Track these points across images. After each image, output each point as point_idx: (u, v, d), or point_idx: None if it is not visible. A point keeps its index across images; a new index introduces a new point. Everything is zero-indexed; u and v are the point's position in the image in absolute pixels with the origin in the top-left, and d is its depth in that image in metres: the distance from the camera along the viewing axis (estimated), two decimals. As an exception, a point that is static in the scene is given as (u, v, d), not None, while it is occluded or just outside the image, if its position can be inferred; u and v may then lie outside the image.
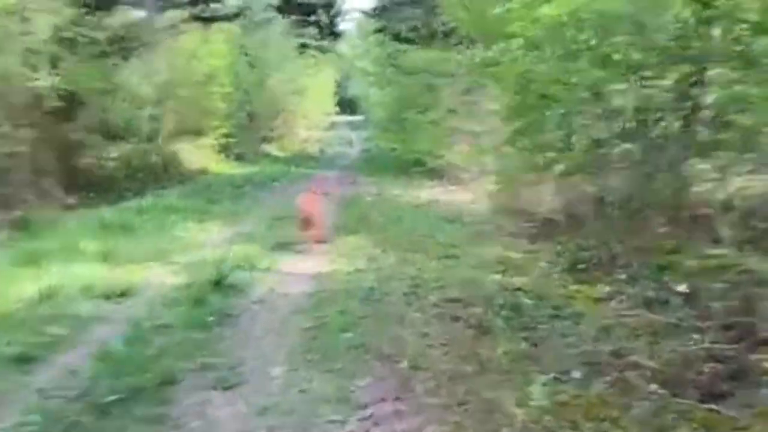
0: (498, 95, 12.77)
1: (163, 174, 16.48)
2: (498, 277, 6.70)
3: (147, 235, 8.69)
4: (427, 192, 14.47)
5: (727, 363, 4.51)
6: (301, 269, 7.03)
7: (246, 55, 24.40)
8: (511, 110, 10.84)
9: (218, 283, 6.07)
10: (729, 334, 4.94)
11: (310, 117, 30.91)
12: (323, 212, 9.19)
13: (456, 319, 5.12)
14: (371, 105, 29.34)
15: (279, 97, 26.98)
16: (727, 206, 8.11)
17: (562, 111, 8.43)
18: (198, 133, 19.54)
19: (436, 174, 16.93)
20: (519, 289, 6.24)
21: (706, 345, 4.78)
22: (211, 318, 5.19)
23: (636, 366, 4.52)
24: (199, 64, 18.99)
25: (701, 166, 7.69)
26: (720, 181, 7.50)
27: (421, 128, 16.49)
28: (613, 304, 6.00)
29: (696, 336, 5.05)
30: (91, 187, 13.91)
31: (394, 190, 14.51)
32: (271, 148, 27.27)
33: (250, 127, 25.22)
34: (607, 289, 6.34)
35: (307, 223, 8.70)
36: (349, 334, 4.68)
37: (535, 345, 4.72)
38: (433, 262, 7.18)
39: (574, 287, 6.50)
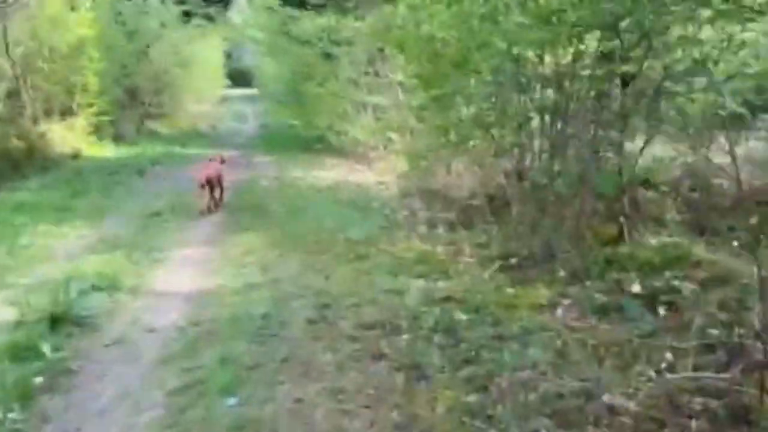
0: (404, 64, 11.57)
1: (24, 161, 14.10)
2: (421, 283, 5.53)
3: (-16, 245, 6.86)
4: (331, 172, 13.13)
5: (723, 397, 3.56)
6: (177, 286, 5.55)
7: (121, 24, 21.80)
8: (419, 81, 9.67)
9: (60, 318, 4.51)
10: (711, 356, 4.01)
11: (199, 91, 28.51)
12: (222, 178, 9.44)
13: (379, 357, 3.89)
14: (265, 77, 27.37)
15: (162, 70, 24.49)
16: (674, 185, 7.37)
17: (483, 80, 7.32)
18: (68, 112, 17.10)
19: (339, 151, 15.61)
20: (449, 298, 5.09)
21: (689, 373, 3.82)
22: (39, 379, 3.69)
23: (613, 411, 3.47)
24: (64, 33, 16.49)
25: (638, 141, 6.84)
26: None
27: (321, 102, 15.04)
28: (559, 312, 4.98)
29: (669, 356, 4.10)
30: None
31: (295, 172, 13.05)
32: (157, 126, 24.80)
33: (129, 105, 22.73)
34: (548, 292, 5.32)
35: (206, 187, 8.83)
36: (232, 401, 3.34)
37: (485, 389, 3.57)
38: (343, 267, 5.91)
39: (510, 290, 5.44)
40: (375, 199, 9.94)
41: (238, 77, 39.69)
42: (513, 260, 6.16)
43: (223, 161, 9.87)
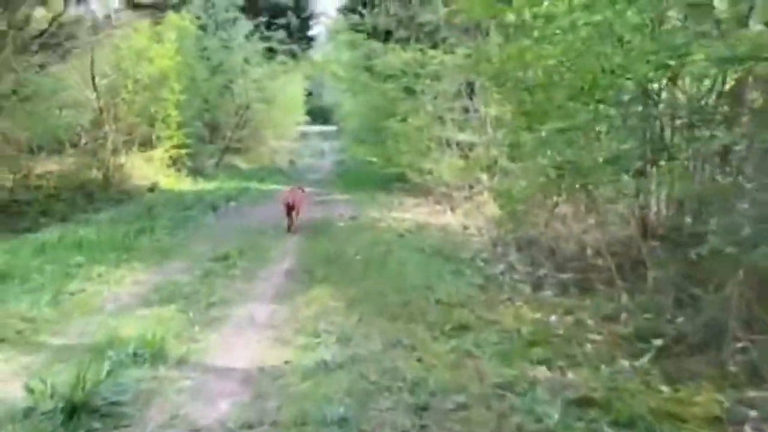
0: (498, 98, 10.35)
1: (101, 193, 13.68)
2: (543, 371, 4.18)
3: (26, 289, 5.99)
4: (412, 213, 11.95)
5: None
6: (234, 359, 4.40)
7: (206, 59, 21.69)
8: (519, 115, 8.42)
9: (81, 406, 3.43)
10: None
11: (279, 127, 28.21)
12: (302, 203, 10.56)
13: None
14: (345, 113, 26.76)
15: (244, 105, 24.25)
16: None
17: (611, 113, 5.98)
18: (147, 144, 16.78)
19: (420, 190, 14.46)
20: (588, 401, 3.72)
21: None
22: None
23: None
24: (148, 65, 16.24)
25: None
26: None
27: (402, 139, 13.97)
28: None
29: None
30: (2, 210, 11.10)
31: (373, 212, 11.95)
32: (237, 161, 24.52)
33: (210, 138, 22.48)
34: (722, 397, 3.86)
35: (290, 209, 9.91)
36: None
37: None
38: (439, 344, 4.63)
39: (666, 390, 4.01)
40: (463, 248, 8.64)
41: (317, 114, 39.61)
42: (657, 342, 4.71)
43: (303, 191, 11.26)
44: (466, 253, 8.26)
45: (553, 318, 5.55)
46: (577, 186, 7.87)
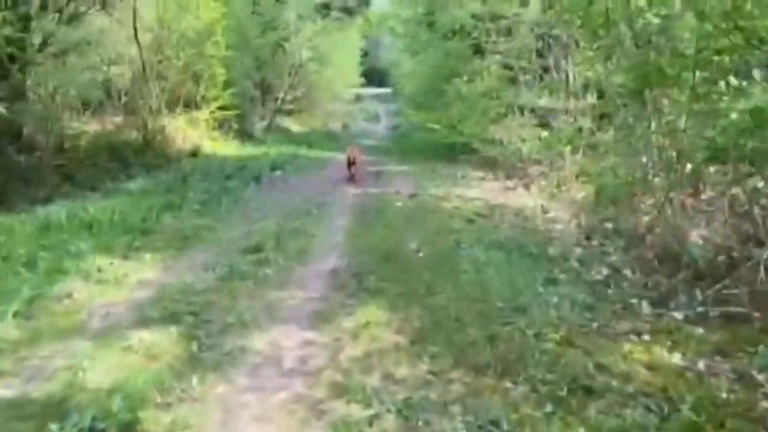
0: (594, 55, 8.36)
1: (138, 157, 12.36)
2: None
3: (5, 289, 4.58)
4: (480, 191, 10.17)
5: None
6: (246, 423, 2.83)
7: (258, 14, 20.05)
8: (629, 77, 6.53)
9: None
10: None
11: (333, 88, 26.52)
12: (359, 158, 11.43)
13: None
14: (402, 75, 24.83)
15: (297, 64, 22.63)
16: None
17: None
18: (192, 104, 15.40)
19: (487, 163, 12.64)
20: None
21: None
22: None
23: None
24: (193, 18, 14.73)
25: None
26: None
27: (468, 104, 12.09)
28: None
29: None
30: (24, 176, 9.87)
31: (434, 188, 10.22)
32: (288, 123, 23.06)
33: (261, 100, 20.99)
34: None
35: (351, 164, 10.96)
36: None
37: None
38: (557, 427, 2.93)
39: None
40: (549, 240, 6.86)
41: (372, 75, 37.67)
42: None
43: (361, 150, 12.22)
44: (554, 249, 6.48)
45: (701, 365, 3.80)
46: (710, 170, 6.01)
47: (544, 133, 9.19)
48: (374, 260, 5.63)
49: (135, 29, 13.89)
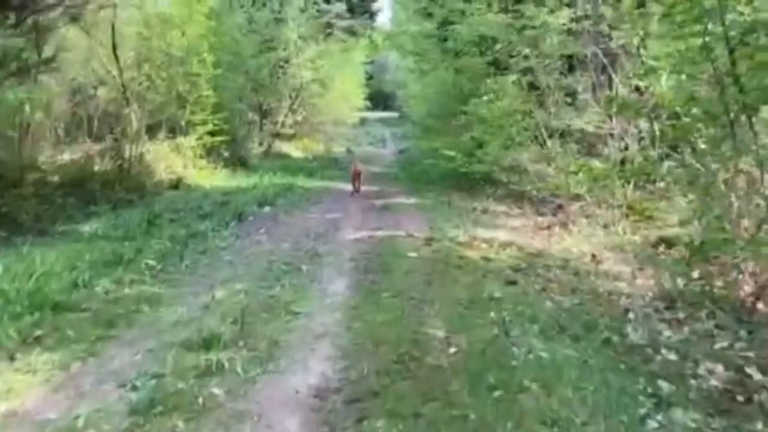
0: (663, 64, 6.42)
1: (108, 190, 10.43)
2: None
3: None
4: (509, 231, 8.19)
5: None
6: None
7: (253, 32, 18.28)
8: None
9: None
10: None
11: (336, 111, 24.68)
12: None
13: None
14: (409, 97, 23.00)
15: (298, 86, 20.84)
16: None
17: None
18: (176, 129, 13.52)
19: (510, 194, 10.70)
20: None
21: None
22: None
23: None
24: (178, 34, 12.91)
25: None
26: None
27: (492, 125, 10.13)
28: None
29: None
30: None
31: (453, 227, 8.25)
32: (288, 148, 21.20)
33: (257, 123, 19.15)
34: None
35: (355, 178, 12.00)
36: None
37: None
38: None
39: None
40: (618, 311, 4.89)
41: (377, 99, 35.88)
42: None
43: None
44: (634, 329, 4.49)
45: None
46: None
47: (596, 163, 7.16)
48: (382, 366, 3.60)
49: (113, 45, 12.10)
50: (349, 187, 12.59)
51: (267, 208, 9.65)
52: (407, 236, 7.63)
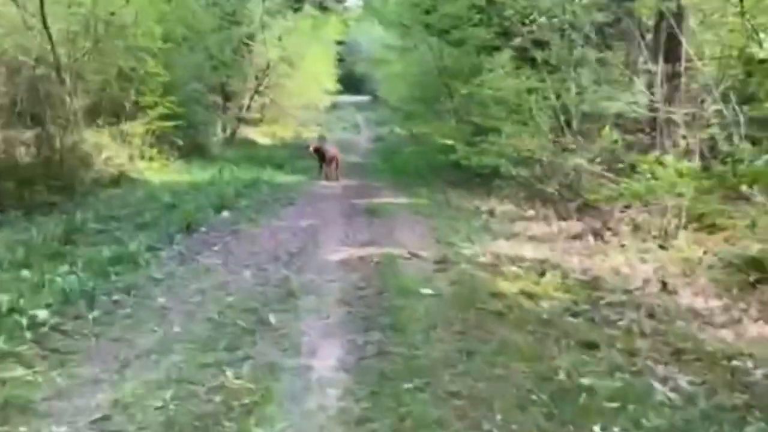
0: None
1: (22, 191, 8.16)
2: None
3: None
4: (537, 244, 6.29)
5: None
6: None
7: (213, 4, 15.89)
8: None
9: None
10: None
11: (307, 94, 22.42)
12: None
13: None
14: (386, 78, 20.89)
15: (265, 66, 18.55)
16: None
17: None
18: (120, 114, 11.20)
19: (517, 187, 8.86)
20: None
21: None
22: None
23: None
24: (120, 1, 10.56)
25: None
26: None
27: (493, 109, 8.17)
28: None
29: None
30: None
31: (466, 241, 6.30)
32: (254, 134, 18.94)
33: (220, 106, 16.85)
34: None
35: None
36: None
37: None
38: None
39: None
40: (738, 387, 3.01)
41: (348, 83, 33.50)
42: None
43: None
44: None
45: None
46: None
47: (669, 158, 5.22)
48: None
49: (43, 15, 9.71)
50: (325, 183, 10.58)
51: (225, 213, 7.53)
52: (410, 256, 5.64)
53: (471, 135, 9.91)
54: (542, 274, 5.28)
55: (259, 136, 19.03)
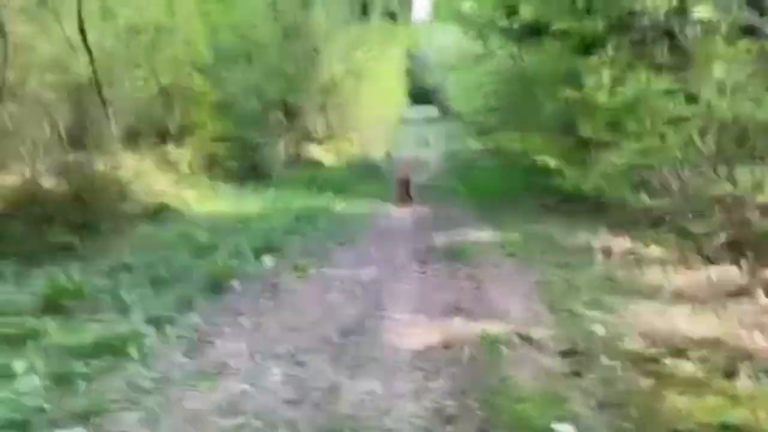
0: None
1: (36, 231, 6.79)
2: None
3: None
4: (691, 313, 4.20)
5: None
6: None
7: (274, 15, 14.55)
8: None
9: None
10: None
11: (375, 109, 20.84)
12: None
13: None
14: (461, 89, 18.94)
15: (329, 80, 17.07)
16: None
17: None
18: (165, 135, 9.87)
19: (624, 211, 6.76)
20: None
21: None
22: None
23: None
24: (162, 11, 9.26)
25: None
26: None
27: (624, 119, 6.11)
28: None
29: None
30: None
31: (591, 307, 4.30)
32: (319, 153, 17.44)
33: (282, 124, 15.43)
34: None
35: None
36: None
37: None
38: None
39: None
40: None
41: (416, 96, 31.74)
42: None
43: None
44: None
45: None
46: None
47: None
48: None
49: (81, 23, 8.54)
50: (394, 210, 8.82)
51: (267, 260, 5.83)
52: (520, 340, 3.71)
53: (573, 151, 7.88)
54: (731, 374, 3.24)
55: (324, 154, 17.51)
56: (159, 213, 8.30)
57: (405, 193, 9.94)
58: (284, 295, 4.82)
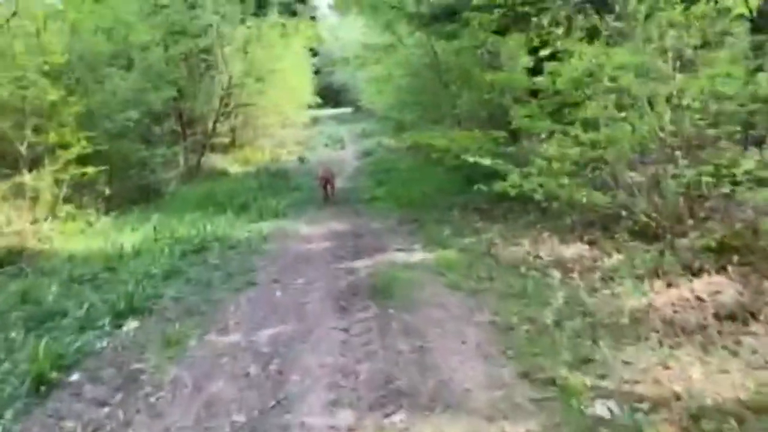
0: None
1: None
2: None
3: None
4: (680, 345, 3.01)
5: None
6: None
7: (153, 13, 12.53)
8: None
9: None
10: None
11: (282, 111, 19.07)
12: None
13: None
14: (370, 84, 17.54)
15: (227, 82, 15.18)
16: None
17: None
18: (17, 160, 7.83)
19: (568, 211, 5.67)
20: None
21: None
22: None
23: None
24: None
25: None
26: None
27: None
28: None
29: None
30: None
31: (564, 360, 3.03)
32: (225, 162, 15.54)
33: (179, 134, 13.47)
34: None
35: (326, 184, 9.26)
36: None
37: None
38: None
39: None
40: None
41: (326, 94, 30.07)
42: None
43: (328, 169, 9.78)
44: None
45: None
46: None
47: None
48: None
49: None
50: (307, 229, 7.32)
51: (131, 326, 4.18)
52: None
53: (502, 144, 6.69)
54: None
55: (230, 163, 15.64)
56: (7, 259, 6.36)
57: (326, 194, 9.30)
58: (142, 392, 3.22)
